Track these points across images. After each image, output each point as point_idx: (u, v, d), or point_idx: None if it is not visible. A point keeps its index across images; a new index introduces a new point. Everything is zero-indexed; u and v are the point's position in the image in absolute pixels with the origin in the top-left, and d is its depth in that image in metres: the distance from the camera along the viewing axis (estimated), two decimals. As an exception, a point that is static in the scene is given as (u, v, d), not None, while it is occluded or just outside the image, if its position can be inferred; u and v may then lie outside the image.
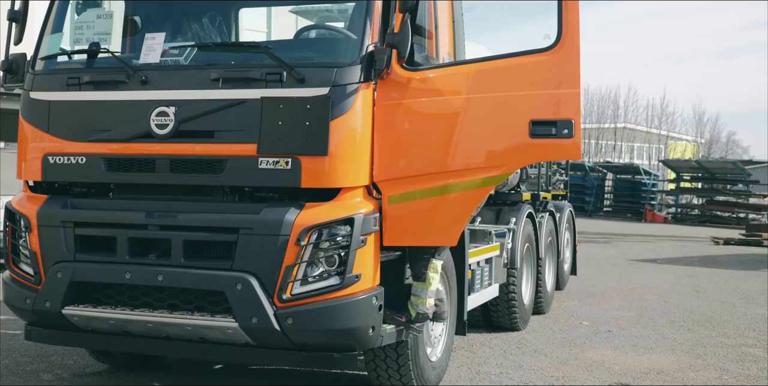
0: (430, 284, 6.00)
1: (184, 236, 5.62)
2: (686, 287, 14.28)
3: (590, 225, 32.69)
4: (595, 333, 9.61)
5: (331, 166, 5.49)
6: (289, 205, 5.52)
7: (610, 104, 59.29)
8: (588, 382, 7.21)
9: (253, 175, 5.57)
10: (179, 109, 5.68)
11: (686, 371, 7.78)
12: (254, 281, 5.40)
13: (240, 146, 5.59)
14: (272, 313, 5.38)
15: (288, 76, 5.52)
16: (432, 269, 6.02)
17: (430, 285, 6.00)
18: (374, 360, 6.26)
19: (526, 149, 5.66)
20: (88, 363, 7.44)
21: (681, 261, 19.07)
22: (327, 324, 5.41)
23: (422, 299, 6.03)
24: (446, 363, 6.91)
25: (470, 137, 5.67)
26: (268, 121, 5.52)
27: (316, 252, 5.42)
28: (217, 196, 5.78)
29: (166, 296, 5.72)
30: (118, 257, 5.74)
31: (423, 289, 6.03)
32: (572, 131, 5.49)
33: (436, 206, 5.70)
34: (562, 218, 12.19)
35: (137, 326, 5.75)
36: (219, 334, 5.58)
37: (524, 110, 5.59)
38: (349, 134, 5.54)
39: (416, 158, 5.71)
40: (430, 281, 6.00)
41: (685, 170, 40.45)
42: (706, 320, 10.82)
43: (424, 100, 5.69)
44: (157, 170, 5.78)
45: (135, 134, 5.80)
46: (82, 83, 5.98)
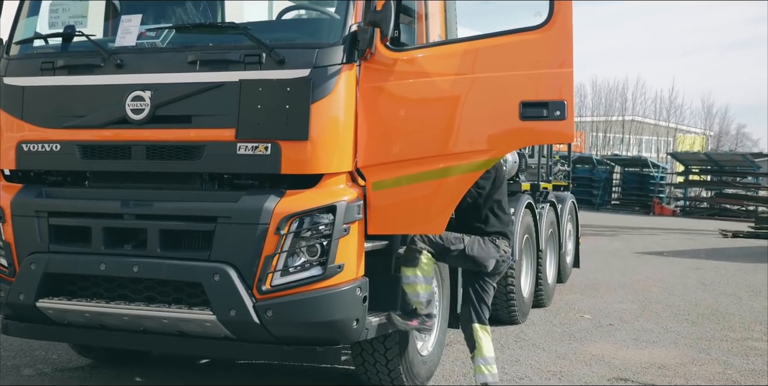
0: (482, 349, 5.85)
1: (161, 226, 5.39)
2: (692, 280, 14.01)
3: (597, 218, 32.41)
4: (596, 327, 9.36)
5: (313, 151, 5.25)
6: (269, 192, 5.28)
7: (618, 97, 58.90)
8: (586, 377, 6.97)
9: (231, 161, 5.34)
10: (155, 93, 5.45)
11: (689, 365, 7.53)
12: (232, 272, 5.16)
13: (218, 131, 5.36)
14: (251, 305, 5.14)
15: (267, 58, 5.29)
16: (477, 335, 5.90)
17: (482, 350, 5.85)
18: (361, 354, 6.03)
19: (516, 132, 5.40)
20: (72, 358, 7.23)
21: (688, 254, 18.78)
22: (308, 317, 5.17)
23: (480, 367, 5.89)
24: (438, 357, 6.67)
25: (457, 121, 5.41)
26: (246, 105, 5.29)
27: (297, 242, 5.18)
28: (195, 184, 5.55)
29: (142, 288, 5.50)
30: (93, 248, 5.52)
31: (480, 357, 5.88)
32: (564, 112, 5.21)
33: (422, 192, 5.45)
34: (564, 209, 11.92)
35: (113, 319, 5.52)
36: (197, 327, 5.35)
37: (514, 91, 5.33)
38: (331, 117, 5.30)
39: (402, 143, 5.46)
40: (481, 345, 5.83)
41: (693, 163, 40.08)
42: (712, 313, 10.56)
43: (410, 81, 5.44)
44: (132, 157, 5.55)
45: (110, 119, 5.58)
46: (56, 68, 5.76)
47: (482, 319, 5.98)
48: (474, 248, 5.88)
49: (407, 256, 5.78)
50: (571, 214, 12.66)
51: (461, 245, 5.85)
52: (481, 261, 5.90)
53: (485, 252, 5.90)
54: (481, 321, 5.97)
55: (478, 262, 5.91)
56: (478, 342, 5.90)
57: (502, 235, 6.05)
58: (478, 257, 5.88)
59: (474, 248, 5.87)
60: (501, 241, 6.01)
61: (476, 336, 5.92)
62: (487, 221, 6.02)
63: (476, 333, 5.93)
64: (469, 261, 5.93)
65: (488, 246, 5.94)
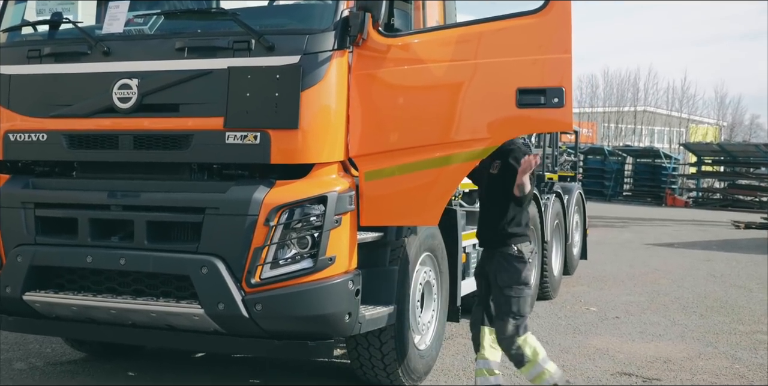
0: (537, 355, 5.50)
1: (148, 217, 5.26)
2: (702, 271, 13.82)
3: (609, 209, 32.21)
4: (602, 320, 9.20)
5: (303, 140, 5.10)
6: (259, 183, 5.14)
7: (630, 87, 58.44)
8: (589, 372, 6.81)
9: (220, 151, 5.19)
10: (142, 81, 5.32)
11: (695, 359, 7.35)
12: (221, 265, 5.03)
13: (206, 120, 5.22)
14: (240, 299, 5.00)
15: (256, 45, 5.14)
16: (526, 345, 5.50)
17: (538, 355, 5.50)
18: (356, 349, 5.89)
19: (512, 120, 5.22)
20: (66, 352, 7.12)
21: (699, 245, 18.57)
22: (299, 310, 5.03)
23: (544, 371, 5.52)
24: (437, 351, 6.52)
25: (452, 109, 5.27)
26: (235, 92, 5.14)
27: (287, 233, 5.04)
28: (183, 174, 5.41)
29: (130, 281, 5.37)
30: (79, 240, 5.39)
31: (534, 365, 5.51)
32: (563, 99, 5.04)
33: (416, 183, 5.30)
34: (571, 200, 11.75)
35: (100, 313, 5.40)
36: (185, 321, 5.22)
37: (510, 77, 5.16)
38: (322, 105, 5.15)
39: (395, 132, 5.32)
40: (536, 353, 5.50)
41: (706, 154, 39.75)
42: (721, 305, 10.37)
43: (403, 68, 5.29)
44: (120, 146, 5.42)
45: (97, 108, 5.45)
46: (43, 56, 5.63)
47: (525, 329, 5.53)
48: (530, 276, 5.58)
49: (513, 356, 5.53)
50: (578, 205, 12.48)
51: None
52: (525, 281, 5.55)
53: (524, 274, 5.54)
54: (525, 332, 5.53)
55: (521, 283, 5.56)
56: (528, 353, 5.48)
57: (523, 238, 5.60)
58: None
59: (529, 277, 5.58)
60: (523, 246, 5.56)
61: (525, 349, 5.49)
62: (512, 219, 5.56)
63: (524, 345, 5.50)
64: None
65: (516, 264, 5.52)
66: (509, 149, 5.53)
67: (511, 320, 5.48)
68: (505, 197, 5.50)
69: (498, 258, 5.56)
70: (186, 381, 6.25)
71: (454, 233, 6.73)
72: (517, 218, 5.56)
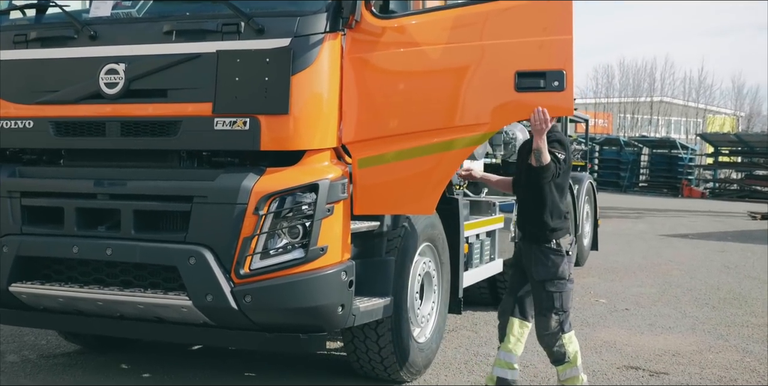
0: (577, 359, 5.38)
1: (134, 206, 5.10)
2: (716, 263, 13.58)
3: (624, 200, 31.93)
4: (611, 312, 9.00)
5: (294, 126, 4.93)
6: (248, 170, 4.97)
7: (646, 77, 57.93)
8: (595, 365, 6.61)
9: (208, 137, 5.03)
10: (129, 65, 5.17)
11: (705, 353, 7.15)
12: (209, 255, 4.86)
13: (195, 106, 5.06)
14: (229, 290, 4.84)
15: (246, 27, 4.98)
16: (569, 344, 5.37)
17: (577, 359, 5.38)
18: (353, 342, 5.72)
19: (511, 104, 5.04)
20: (60, 344, 6.99)
21: (714, 236, 18.30)
22: (289, 302, 4.87)
23: (577, 377, 5.41)
24: (437, 344, 6.34)
25: (448, 93, 5.09)
26: (224, 77, 4.98)
27: (277, 223, 4.87)
28: (172, 162, 5.26)
29: (118, 271, 5.22)
30: (65, 230, 5.24)
31: (572, 367, 5.40)
32: (563, 83, 4.87)
33: (411, 170, 5.13)
34: (581, 190, 11.55)
35: (88, 304, 5.25)
36: (173, 313, 5.06)
37: (509, 60, 4.98)
38: (314, 90, 4.98)
39: (390, 118, 5.15)
40: (576, 356, 5.37)
41: (723, 144, 39.33)
42: (734, 297, 10.14)
43: (398, 51, 5.11)
44: (107, 133, 5.28)
45: (83, 94, 5.31)
46: (29, 40, 5.49)
47: (570, 326, 5.42)
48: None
49: (554, 357, 5.42)
50: (588, 195, 12.27)
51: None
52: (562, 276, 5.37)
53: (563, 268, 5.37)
54: (570, 329, 5.41)
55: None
56: (570, 353, 5.35)
57: (563, 231, 5.39)
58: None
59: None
60: (563, 240, 5.36)
61: (568, 348, 5.36)
62: (552, 212, 5.33)
63: (567, 344, 5.37)
64: None
65: (553, 257, 5.35)
66: (550, 139, 5.26)
67: (553, 316, 5.33)
68: (543, 188, 5.29)
69: (535, 251, 5.38)
70: (180, 374, 6.10)
71: (456, 222, 6.54)
72: (556, 210, 5.35)
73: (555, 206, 5.37)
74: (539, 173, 5.19)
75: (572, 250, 5.47)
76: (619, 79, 58.34)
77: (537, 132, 4.97)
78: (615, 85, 57.96)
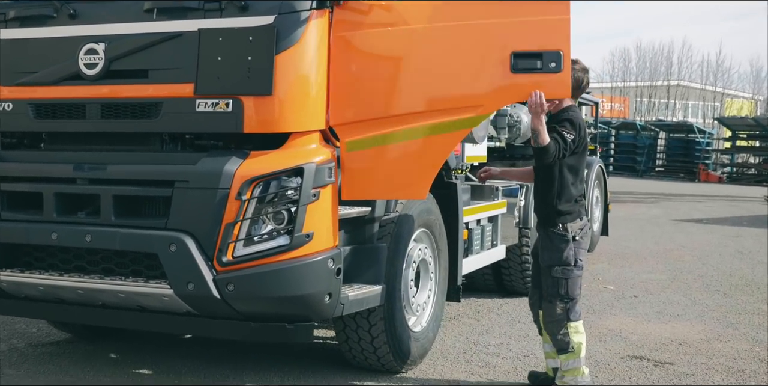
0: (581, 350, 5.19)
1: (114, 191, 4.92)
2: (730, 248, 13.32)
3: (640, 185, 31.71)
4: (618, 299, 8.78)
5: (278, 107, 4.73)
6: (231, 154, 4.77)
7: (663, 61, 57.33)
8: (598, 355, 6.40)
9: (190, 119, 4.84)
10: (109, 45, 4.98)
11: (713, 341, 6.92)
12: (190, 242, 4.67)
13: (176, 87, 4.87)
14: (211, 278, 4.65)
15: (229, 5, 4.77)
16: (575, 333, 5.19)
17: (581, 351, 5.19)
18: (344, 331, 5.54)
19: (506, 86, 4.83)
20: (51, 332, 6.84)
21: (729, 221, 18.04)
22: (274, 291, 4.67)
23: (579, 369, 5.23)
24: (434, 333, 6.14)
25: (442, 73, 4.87)
26: (206, 57, 4.78)
27: (261, 208, 4.68)
28: (154, 145, 5.07)
29: (100, 259, 5.05)
30: (45, 216, 5.06)
31: (575, 359, 5.21)
32: (560, 64, 4.68)
33: (402, 153, 4.92)
34: (590, 174, 11.31)
35: (68, 293, 5.08)
36: (155, 302, 4.89)
37: (505, 39, 4.77)
38: (299, 69, 4.77)
39: (379, 99, 4.93)
40: (581, 347, 5.18)
41: (741, 128, 38.95)
42: (746, 284, 9.90)
43: (388, 30, 4.89)
44: (87, 116, 5.09)
45: (63, 75, 5.12)
46: (8, 20, 5.29)
47: (577, 315, 5.23)
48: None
49: (558, 345, 5.23)
50: (598, 179, 12.03)
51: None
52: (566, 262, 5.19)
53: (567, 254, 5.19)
54: (576, 318, 5.22)
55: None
56: (574, 343, 5.16)
57: (572, 215, 5.21)
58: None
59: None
60: (571, 225, 5.18)
61: (572, 337, 5.17)
62: (561, 195, 5.19)
63: (572, 333, 5.18)
64: None
65: (558, 243, 5.19)
66: (560, 118, 5.17)
67: (559, 303, 5.17)
68: (552, 170, 5.16)
69: (542, 235, 5.29)
70: (169, 363, 5.93)
71: (454, 207, 6.34)
72: (566, 193, 5.18)
73: (564, 188, 5.20)
74: (538, 154, 5.03)
75: (582, 236, 5.26)
76: (636, 63, 57.86)
77: (534, 114, 4.83)
78: (632, 69, 57.48)
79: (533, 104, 4.78)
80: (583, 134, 5.16)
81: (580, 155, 5.22)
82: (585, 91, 5.82)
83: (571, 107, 5.26)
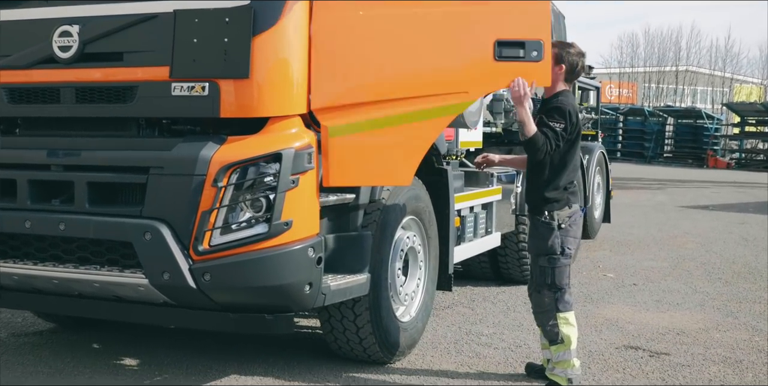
0: (571, 342, 5.08)
1: (89, 178, 4.76)
2: (734, 235, 13.14)
3: (647, 171, 31.49)
4: (617, 287, 8.62)
5: (256, 91, 4.56)
6: (208, 139, 4.61)
7: (672, 46, 56.81)
8: (593, 345, 6.25)
9: (166, 104, 4.68)
10: (84, 27, 4.81)
11: (711, 331, 6.76)
12: (165, 231, 4.52)
13: (151, 70, 4.70)
14: (186, 268, 4.50)
15: (205, -15, 4.59)
16: (564, 324, 5.08)
17: (571, 343, 5.08)
18: (329, 321, 5.40)
19: (490, 73, 4.83)
20: (36, 322, 6.72)
21: (735, 208, 17.84)
22: (252, 281, 4.52)
23: (569, 361, 5.11)
24: (423, 323, 5.99)
25: (427, 58, 4.79)
26: (181, 39, 4.61)
27: (238, 195, 4.52)
28: (131, 131, 4.91)
29: (75, 247, 4.89)
30: (18, 203, 4.92)
31: (565, 351, 5.10)
32: (541, 53, 4.73)
33: (386, 139, 4.78)
34: (591, 160, 11.13)
35: (43, 282, 4.94)
36: (131, 292, 4.74)
37: (489, 27, 4.76)
38: (278, 52, 4.60)
39: (362, 83, 4.78)
40: (570, 339, 5.07)
41: (750, 114, 38.63)
42: (749, 271, 9.73)
43: (372, 12, 4.73)
44: (62, 100, 4.93)
45: (37, 58, 4.96)
46: (-20, 2, 5.13)
47: (567, 306, 5.12)
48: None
49: (548, 336, 5.14)
50: (599, 165, 11.84)
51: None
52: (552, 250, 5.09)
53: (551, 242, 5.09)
54: (566, 309, 5.12)
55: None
56: (563, 334, 5.06)
57: (559, 203, 5.09)
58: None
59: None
60: (558, 213, 5.06)
61: (562, 328, 5.07)
62: (549, 182, 5.08)
63: (562, 324, 5.08)
64: None
65: (543, 231, 5.11)
66: (549, 107, 5.07)
67: (547, 292, 5.10)
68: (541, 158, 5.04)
69: (530, 224, 5.27)
70: (152, 353, 5.81)
71: (445, 194, 6.18)
72: (554, 181, 5.08)
73: (554, 175, 5.10)
74: (528, 148, 4.97)
75: (571, 224, 5.12)
76: (644, 48, 57.36)
77: (517, 103, 4.80)
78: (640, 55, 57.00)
79: (516, 93, 4.77)
80: (575, 120, 5.02)
81: (573, 143, 5.10)
82: (581, 76, 5.74)
83: (563, 93, 5.13)
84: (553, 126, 4.92)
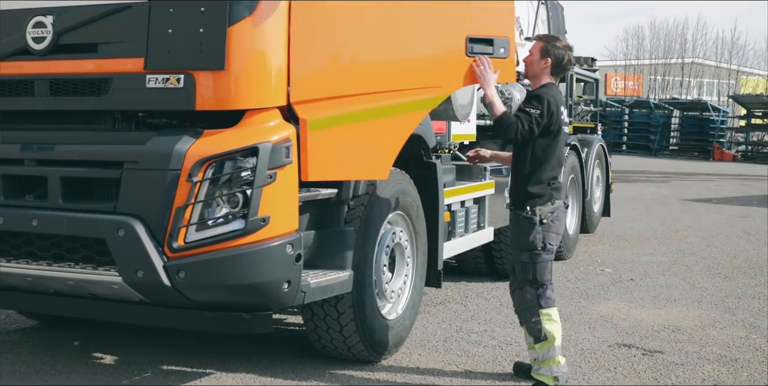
0: (555, 339, 4.98)
1: (62, 173, 4.63)
2: (736, 229, 12.98)
3: (652, 164, 31.29)
4: (614, 282, 8.48)
5: (232, 83, 4.43)
6: (183, 133, 4.48)
7: (678, 38, 56.36)
8: (585, 343, 6.12)
9: (141, 96, 4.55)
10: (57, 18, 4.68)
11: (708, 328, 6.62)
12: (139, 227, 4.39)
13: (126, 61, 4.57)
14: (161, 265, 4.37)
15: (180, -26, 4.46)
16: (547, 321, 4.98)
17: (555, 340, 4.98)
18: (312, 319, 5.28)
19: (463, 68, 4.98)
20: (19, 319, 6.61)
21: (739, 201, 17.66)
22: (228, 279, 4.39)
23: (554, 358, 5.02)
24: (411, 321, 5.86)
25: (402, 53, 4.86)
26: (156, 29, 4.48)
27: (214, 190, 4.39)
28: (106, 124, 4.78)
29: (50, 244, 4.75)
30: (-8, 199, 4.80)
31: (549, 348, 5.00)
32: (508, 50, 5.00)
33: (363, 133, 4.73)
34: (590, 153, 10.97)
35: (17, 280, 4.82)
36: (105, 290, 4.62)
37: (461, 23, 4.95)
38: (254, 43, 4.46)
39: (341, 76, 4.73)
40: (554, 336, 4.98)
41: (756, 106, 38.39)
42: (749, 266, 9.58)
43: (349, 4, 4.64)
44: (36, 93, 4.81)
45: (10, 50, 4.83)
46: (-48, -8, 5.00)
47: (549, 302, 5.02)
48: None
49: (532, 334, 5.06)
50: (599, 159, 11.69)
51: None
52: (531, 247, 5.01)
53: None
54: (549, 305, 5.01)
55: None
56: (546, 331, 4.97)
57: (541, 198, 4.99)
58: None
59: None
60: (540, 208, 4.97)
61: (544, 325, 4.98)
62: (531, 176, 5.00)
63: (545, 320, 4.99)
64: None
65: (524, 226, 5.02)
66: (529, 96, 5.09)
67: (529, 288, 5.01)
68: (524, 151, 5.00)
69: (512, 219, 5.17)
70: (131, 351, 5.69)
71: (433, 188, 6.05)
72: (536, 175, 4.98)
73: (535, 170, 5.00)
74: (497, 126, 4.97)
75: (554, 219, 5.00)
76: (650, 41, 56.90)
77: (485, 83, 4.91)
78: (645, 47, 56.55)
79: (481, 74, 4.93)
80: (554, 110, 4.92)
81: (555, 136, 4.99)
82: (569, 69, 5.71)
83: (547, 85, 5.09)
84: (527, 110, 4.90)
